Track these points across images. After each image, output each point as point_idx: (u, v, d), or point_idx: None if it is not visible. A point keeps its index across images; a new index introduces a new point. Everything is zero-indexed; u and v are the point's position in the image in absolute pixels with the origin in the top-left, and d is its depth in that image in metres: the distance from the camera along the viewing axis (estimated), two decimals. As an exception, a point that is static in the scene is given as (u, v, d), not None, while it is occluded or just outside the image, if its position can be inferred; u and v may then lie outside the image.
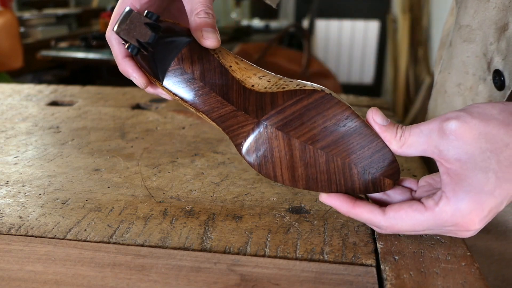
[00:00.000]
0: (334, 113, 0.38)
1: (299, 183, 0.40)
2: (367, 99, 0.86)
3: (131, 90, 0.91)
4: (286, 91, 0.39)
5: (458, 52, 0.54)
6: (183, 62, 0.41)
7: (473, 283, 0.35)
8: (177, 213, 0.45)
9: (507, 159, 0.33)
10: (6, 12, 2.28)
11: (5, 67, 2.22)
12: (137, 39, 0.38)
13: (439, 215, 0.35)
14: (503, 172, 0.33)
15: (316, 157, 0.39)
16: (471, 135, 0.34)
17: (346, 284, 0.35)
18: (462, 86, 0.54)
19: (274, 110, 0.39)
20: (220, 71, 0.41)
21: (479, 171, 0.34)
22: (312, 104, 0.38)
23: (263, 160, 0.40)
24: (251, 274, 0.36)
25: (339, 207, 0.39)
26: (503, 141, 0.34)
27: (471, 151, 0.34)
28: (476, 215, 0.34)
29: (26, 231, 0.42)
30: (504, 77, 0.45)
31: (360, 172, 0.39)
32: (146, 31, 0.38)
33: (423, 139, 0.36)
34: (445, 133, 0.34)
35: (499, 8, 0.46)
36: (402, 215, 0.36)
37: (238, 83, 0.41)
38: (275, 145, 0.39)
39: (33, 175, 0.53)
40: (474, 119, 0.34)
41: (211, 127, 0.70)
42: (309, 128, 0.38)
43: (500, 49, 0.46)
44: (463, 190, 0.34)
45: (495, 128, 0.34)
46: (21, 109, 0.79)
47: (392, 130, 0.37)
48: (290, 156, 0.39)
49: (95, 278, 0.35)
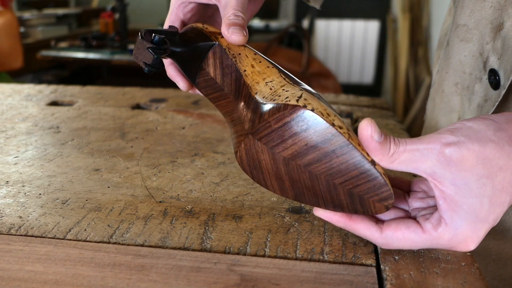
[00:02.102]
0: (315, 131, 0.36)
1: (288, 194, 0.39)
2: (367, 99, 0.86)
3: (131, 90, 0.91)
4: (273, 105, 0.38)
5: (455, 51, 0.54)
6: (207, 66, 0.45)
7: (473, 283, 0.35)
8: (177, 213, 0.45)
9: (500, 183, 0.34)
10: (6, 12, 2.28)
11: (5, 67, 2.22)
12: (144, 62, 0.43)
13: (436, 239, 0.36)
14: (496, 197, 0.34)
15: (299, 174, 0.38)
16: (469, 161, 0.34)
17: (346, 284, 0.35)
18: (459, 85, 0.54)
19: (261, 124, 0.38)
20: (236, 76, 0.43)
21: (474, 198, 0.34)
22: (293, 121, 0.37)
23: (254, 170, 0.40)
24: (251, 274, 0.36)
25: (335, 222, 0.38)
26: (498, 165, 0.34)
27: (467, 178, 0.34)
28: (471, 241, 0.36)
29: (26, 231, 0.42)
30: (499, 77, 0.45)
31: (346, 193, 0.36)
32: (149, 55, 0.42)
33: (417, 158, 0.34)
34: (445, 159, 0.34)
35: (495, 8, 0.46)
36: (399, 236, 0.36)
37: (247, 89, 0.42)
38: (262, 158, 0.39)
39: (33, 175, 0.53)
40: (473, 144, 0.34)
41: (211, 127, 0.70)
42: (290, 144, 0.37)
43: (496, 49, 0.46)
44: (460, 218, 0.35)
45: (491, 152, 0.34)
46: (21, 109, 0.79)
47: (385, 146, 0.34)
48: (276, 170, 0.39)
49: (95, 278, 0.35)
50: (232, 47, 0.44)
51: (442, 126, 0.59)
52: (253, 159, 0.40)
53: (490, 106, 0.47)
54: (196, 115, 0.76)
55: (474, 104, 0.51)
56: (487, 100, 0.48)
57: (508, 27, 0.45)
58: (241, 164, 0.41)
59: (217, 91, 0.44)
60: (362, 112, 0.78)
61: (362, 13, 3.42)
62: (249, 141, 0.39)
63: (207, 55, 0.44)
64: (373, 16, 3.40)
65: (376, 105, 0.82)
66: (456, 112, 0.55)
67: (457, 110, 0.55)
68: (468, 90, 0.52)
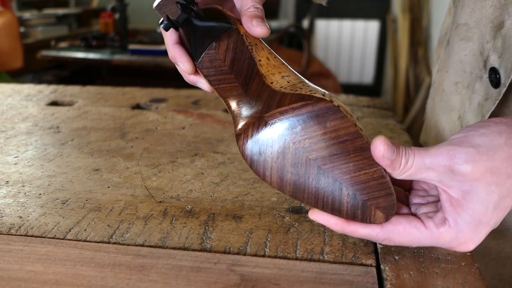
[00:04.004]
0: (336, 127, 0.36)
1: (286, 188, 0.38)
2: (367, 99, 0.86)
3: (131, 90, 0.91)
4: (295, 93, 0.38)
5: (455, 50, 0.54)
6: (219, 48, 0.43)
7: (473, 283, 0.35)
8: (177, 213, 0.45)
9: (507, 189, 0.35)
10: (6, 12, 2.28)
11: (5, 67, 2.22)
12: (167, 15, 0.40)
13: (437, 238, 0.36)
14: (501, 202, 0.35)
15: (307, 167, 0.37)
16: (478, 172, 0.34)
17: (346, 284, 0.35)
18: (460, 84, 0.54)
19: (278, 109, 0.38)
20: (249, 62, 0.42)
21: (480, 204, 0.35)
22: (316, 112, 0.36)
23: (255, 156, 0.38)
24: (251, 274, 0.36)
25: (333, 225, 0.38)
26: (507, 172, 0.35)
27: (475, 185, 0.34)
28: (472, 243, 0.36)
29: (26, 231, 0.42)
30: (500, 75, 0.46)
31: (351, 195, 0.36)
32: (176, 10, 0.40)
33: (425, 171, 0.35)
34: (454, 173, 0.34)
35: (495, 7, 0.47)
36: (400, 230, 0.36)
37: (260, 77, 0.41)
38: (269, 143, 0.38)
39: (33, 175, 0.53)
40: (482, 156, 0.34)
41: (211, 127, 0.70)
42: (307, 135, 0.37)
43: (496, 47, 0.47)
44: (464, 221, 0.35)
45: (500, 161, 0.34)
46: (21, 109, 0.79)
47: (397, 162, 0.35)
48: (282, 159, 0.38)
49: (95, 278, 0.35)
50: (249, 36, 0.43)
51: (442, 126, 0.59)
52: (258, 144, 0.38)
53: (491, 105, 0.47)
54: (196, 115, 0.76)
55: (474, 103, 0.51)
56: (487, 98, 0.48)
57: (508, 26, 0.45)
58: (243, 147, 0.39)
59: (222, 73, 0.43)
60: (362, 112, 0.78)
61: (362, 13, 3.42)
62: (261, 124, 0.38)
63: (220, 37, 0.43)
64: (373, 16, 3.40)
65: (376, 105, 0.82)
66: (456, 111, 0.55)
67: (457, 109, 0.55)
68: (468, 89, 0.52)
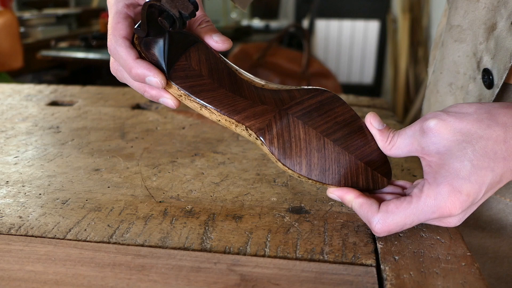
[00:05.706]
0: (342, 112, 0.43)
1: (313, 172, 0.41)
2: (367, 99, 0.86)
3: (131, 90, 0.91)
4: (300, 88, 0.43)
5: (449, 52, 0.55)
6: (190, 60, 0.43)
7: (473, 283, 0.35)
8: (177, 213, 0.45)
9: (482, 148, 0.36)
10: (6, 12, 2.28)
11: (5, 67, 2.22)
12: (179, 11, 0.39)
13: (424, 201, 0.37)
14: (478, 160, 0.36)
15: (329, 149, 0.42)
16: (447, 130, 0.37)
17: (346, 284, 0.35)
18: (454, 85, 0.55)
19: (294, 101, 0.43)
20: (228, 72, 0.44)
21: (455, 160, 0.37)
22: (325, 100, 0.43)
23: (283, 146, 0.42)
24: (251, 274, 0.36)
25: (348, 201, 0.41)
26: (477, 133, 0.36)
27: (448, 144, 0.37)
28: (456, 198, 0.36)
29: (26, 231, 0.42)
30: (493, 76, 0.47)
31: (364, 167, 0.42)
32: (188, 5, 0.39)
33: (408, 140, 0.40)
34: (425, 131, 0.38)
35: (488, 8, 0.47)
36: (393, 208, 0.38)
37: (247, 83, 0.44)
38: (295, 133, 0.42)
39: (33, 175, 0.53)
40: (450, 116, 0.37)
41: (211, 127, 0.70)
42: (324, 121, 0.42)
43: (489, 49, 0.47)
44: (441, 176, 0.37)
45: (469, 123, 0.37)
46: (21, 109, 0.79)
47: (385, 134, 0.41)
48: (308, 145, 0.42)
49: (95, 278, 0.35)
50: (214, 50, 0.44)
51: None
52: (284, 135, 0.42)
53: None
54: (196, 115, 0.76)
55: None
56: (481, 99, 0.49)
57: (501, 28, 0.45)
58: (270, 142, 0.41)
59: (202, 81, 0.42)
60: (362, 112, 0.78)
61: (362, 13, 3.42)
62: (282, 117, 0.42)
63: (189, 49, 0.43)
64: (373, 16, 3.40)
65: (376, 105, 0.82)
66: None
67: None
68: (462, 90, 0.53)
